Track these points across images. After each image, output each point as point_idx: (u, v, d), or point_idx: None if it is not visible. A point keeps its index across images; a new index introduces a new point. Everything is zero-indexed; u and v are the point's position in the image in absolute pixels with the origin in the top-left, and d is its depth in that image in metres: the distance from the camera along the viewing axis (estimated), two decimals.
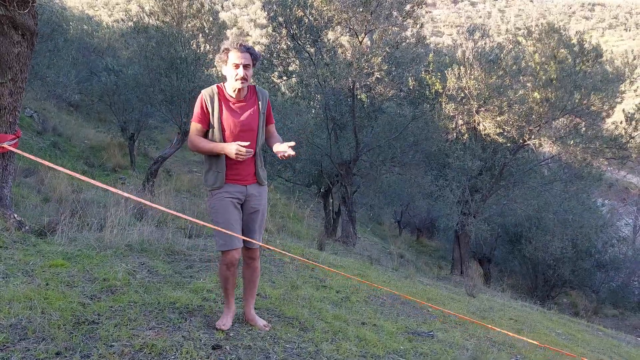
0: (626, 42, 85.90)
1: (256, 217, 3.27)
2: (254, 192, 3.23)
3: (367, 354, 3.29)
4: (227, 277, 3.24)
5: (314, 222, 15.44)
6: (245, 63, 3.05)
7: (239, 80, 3.05)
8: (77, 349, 2.67)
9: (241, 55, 3.05)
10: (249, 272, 3.39)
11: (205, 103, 3.12)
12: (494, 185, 12.62)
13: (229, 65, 3.07)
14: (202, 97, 3.13)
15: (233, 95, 3.14)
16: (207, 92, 3.15)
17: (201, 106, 3.13)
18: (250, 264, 3.37)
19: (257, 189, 3.26)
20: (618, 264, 17.04)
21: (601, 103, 11.13)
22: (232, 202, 3.16)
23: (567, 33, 11.77)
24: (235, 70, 3.05)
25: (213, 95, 3.13)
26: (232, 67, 3.05)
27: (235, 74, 3.05)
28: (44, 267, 3.96)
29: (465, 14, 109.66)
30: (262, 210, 3.31)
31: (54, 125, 15.89)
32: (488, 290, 10.67)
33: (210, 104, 3.12)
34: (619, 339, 8.27)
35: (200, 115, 3.13)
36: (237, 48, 3.06)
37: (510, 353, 4.06)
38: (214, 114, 3.11)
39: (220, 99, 3.14)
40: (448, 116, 12.16)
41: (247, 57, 3.07)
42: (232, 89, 3.12)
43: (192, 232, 6.40)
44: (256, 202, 3.25)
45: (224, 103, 3.13)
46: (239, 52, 3.05)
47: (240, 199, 3.20)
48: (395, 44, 11.60)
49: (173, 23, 11.78)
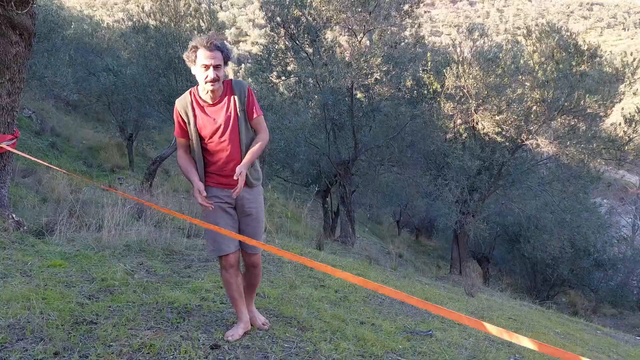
0: (625, 42, 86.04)
1: (250, 221, 3.09)
2: (245, 195, 3.02)
3: (366, 354, 3.29)
4: (229, 281, 3.11)
5: (313, 221, 15.44)
6: (216, 63, 2.79)
7: (209, 82, 2.81)
8: (76, 349, 2.67)
9: (210, 54, 2.78)
10: (250, 277, 3.27)
11: (179, 115, 2.94)
12: (492, 185, 12.63)
13: (198, 65, 2.81)
14: (176, 109, 2.95)
15: (208, 100, 2.92)
16: (179, 102, 2.95)
17: (177, 119, 2.96)
18: (252, 271, 3.23)
19: (249, 191, 3.04)
20: (617, 263, 17.08)
21: (597, 105, 11.11)
22: (222, 206, 3.00)
23: (567, 33, 11.78)
24: (205, 72, 2.80)
25: (186, 105, 2.93)
26: (201, 68, 2.80)
27: (204, 76, 2.80)
28: (42, 267, 3.96)
29: (464, 14, 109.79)
30: (257, 214, 3.10)
31: (52, 126, 15.88)
32: (487, 290, 10.68)
33: (184, 114, 2.93)
34: (618, 338, 8.28)
35: (179, 128, 2.97)
36: (205, 46, 2.78)
37: (509, 352, 4.06)
38: (190, 123, 2.92)
39: (194, 106, 2.92)
40: (446, 115, 12.17)
41: (217, 56, 2.80)
42: (204, 91, 2.89)
43: (191, 232, 6.40)
44: (248, 205, 3.05)
45: (198, 109, 2.92)
46: (207, 50, 2.78)
47: (231, 203, 3.03)
48: (394, 44, 11.61)
49: (171, 23, 11.77)
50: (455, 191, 12.06)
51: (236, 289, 3.15)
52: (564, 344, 5.53)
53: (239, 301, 3.20)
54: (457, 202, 12.50)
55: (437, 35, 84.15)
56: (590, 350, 5.77)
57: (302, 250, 7.06)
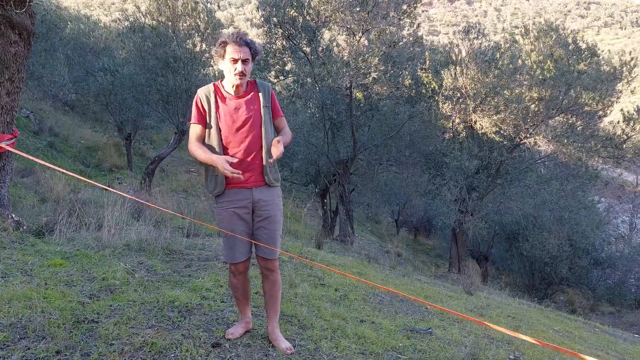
0: (622, 41, 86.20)
1: (267, 225, 2.95)
2: (262, 197, 2.92)
3: (366, 351, 3.30)
4: (236, 286, 3.10)
5: (312, 221, 15.46)
6: (244, 57, 2.82)
7: (237, 75, 2.83)
8: (77, 348, 2.67)
9: (239, 49, 2.81)
10: (268, 285, 3.08)
11: (201, 102, 2.91)
12: (490, 184, 12.66)
13: (227, 59, 2.84)
14: (198, 96, 2.93)
15: (231, 92, 2.92)
16: (203, 90, 2.95)
17: (197, 106, 2.92)
18: (269, 276, 3.06)
19: (266, 192, 2.94)
20: (615, 261, 17.10)
21: (594, 102, 11.13)
22: (237, 212, 2.90)
23: (565, 32, 11.80)
24: (234, 65, 2.82)
25: (209, 94, 2.92)
26: (230, 61, 2.83)
27: (233, 68, 2.83)
28: (42, 267, 3.97)
29: (462, 13, 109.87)
30: (275, 217, 2.98)
31: (50, 126, 15.86)
32: (485, 288, 10.70)
33: (206, 102, 2.91)
34: (616, 336, 8.31)
35: (198, 115, 2.92)
36: (235, 41, 2.82)
37: (508, 350, 4.08)
38: (211, 113, 2.89)
39: (217, 97, 2.92)
40: (445, 115, 12.19)
41: (245, 51, 2.83)
42: (230, 84, 2.90)
43: (190, 232, 6.40)
44: (266, 208, 2.93)
45: (221, 101, 2.91)
46: (237, 45, 2.82)
47: (247, 207, 2.92)
48: (392, 44, 11.62)
49: (168, 23, 11.76)
50: (453, 190, 12.08)
51: (242, 292, 3.14)
52: (563, 341, 5.55)
53: (243, 302, 3.19)
54: (455, 201, 12.52)
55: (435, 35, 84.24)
56: (589, 348, 5.80)
57: (302, 249, 7.08)
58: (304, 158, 12.73)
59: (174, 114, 11.99)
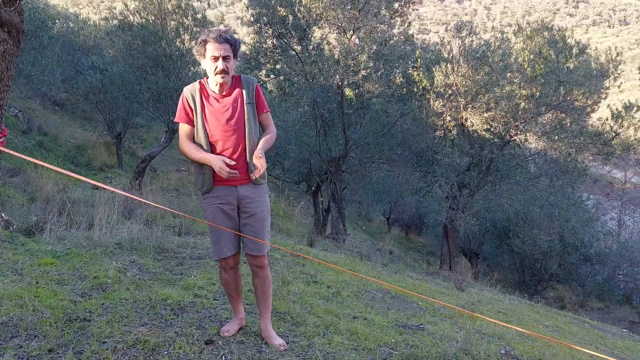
0: (610, 39, 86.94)
1: (252, 222, 2.96)
2: (248, 194, 2.94)
3: (359, 347, 3.32)
4: (227, 281, 3.11)
5: (304, 219, 15.46)
6: (225, 54, 2.82)
7: (219, 74, 2.83)
8: (70, 346, 2.67)
9: (219, 46, 2.81)
10: (259, 282, 3.10)
11: (187, 101, 2.91)
12: (481, 181, 12.73)
13: (207, 58, 2.84)
14: (183, 95, 2.93)
15: (216, 91, 2.92)
16: (188, 89, 2.94)
17: (183, 104, 2.92)
18: (259, 273, 3.07)
19: (252, 189, 2.95)
20: (603, 257, 17.30)
21: (584, 98, 11.24)
22: (222, 208, 2.93)
23: (555, 30, 11.89)
24: (214, 63, 2.82)
25: (195, 91, 2.92)
26: (211, 60, 2.82)
27: (214, 67, 2.82)
28: (33, 266, 3.94)
29: (452, 11, 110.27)
30: (260, 214, 2.98)
31: (39, 125, 15.70)
32: (477, 285, 10.77)
33: (192, 101, 2.91)
34: (605, 331, 8.41)
35: (184, 114, 2.93)
36: (214, 39, 2.81)
37: (499, 344, 4.12)
38: (197, 111, 2.90)
39: (202, 96, 2.92)
40: (436, 113, 12.24)
41: (226, 48, 2.83)
42: (214, 83, 2.90)
43: (182, 230, 6.39)
44: (251, 205, 2.95)
45: (206, 100, 2.92)
46: (216, 43, 2.80)
47: (232, 204, 2.94)
48: (384, 42, 11.65)
49: (157, 21, 11.69)
50: (445, 187, 12.14)
51: (234, 287, 3.16)
52: (553, 336, 5.61)
53: (236, 298, 3.20)
54: (447, 198, 12.59)
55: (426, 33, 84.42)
56: (578, 342, 5.86)
57: (294, 247, 7.08)
58: (295, 156, 12.73)
59: (165, 112, 11.93)
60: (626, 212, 26.85)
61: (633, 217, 26.49)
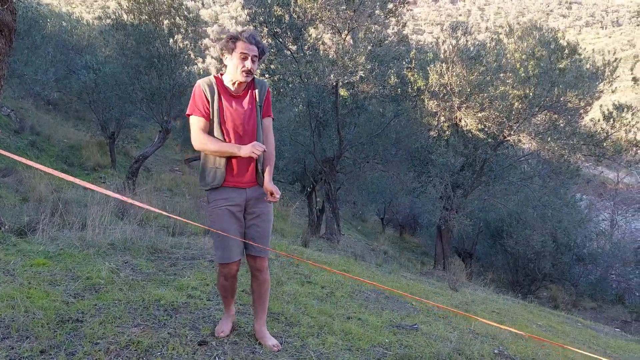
0: (602, 40, 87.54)
1: (259, 222, 2.93)
2: (256, 195, 2.91)
3: (353, 347, 3.32)
4: (226, 287, 3.06)
5: (299, 220, 15.46)
6: (254, 55, 2.78)
7: (244, 72, 2.77)
8: (62, 347, 2.65)
9: (250, 46, 2.77)
10: (257, 284, 3.05)
11: (204, 93, 2.80)
12: (475, 181, 12.78)
13: (235, 54, 2.76)
14: (200, 87, 2.80)
15: (231, 89, 2.86)
16: (204, 81, 2.83)
17: (201, 96, 2.80)
18: (258, 276, 3.03)
19: (259, 191, 2.92)
20: (596, 257, 17.40)
21: (577, 99, 11.30)
22: (231, 210, 2.85)
23: (547, 31, 11.95)
24: (243, 61, 2.76)
25: (212, 85, 2.82)
26: (239, 57, 2.75)
27: (241, 65, 2.75)
28: (25, 267, 3.91)
29: (446, 12, 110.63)
30: (266, 214, 2.95)
31: (31, 124, 15.60)
32: (470, 285, 10.81)
33: (210, 92, 2.80)
34: (598, 330, 8.46)
35: (202, 107, 2.79)
36: (247, 38, 2.76)
37: (493, 344, 4.13)
38: (214, 105, 2.79)
39: (220, 91, 2.82)
40: (430, 113, 12.27)
41: (255, 50, 2.78)
42: (232, 81, 2.82)
43: (175, 230, 6.37)
44: (258, 206, 2.92)
45: (223, 95, 2.82)
46: (248, 43, 2.76)
47: (241, 206, 2.88)
48: (378, 42, 11.66)
49: (151, 20, 11.66)
50: (439, 187, 12.17)
51: (230, 291, 3.10)
52: (546, 336, 5.63)
53: (230, 300, 3.16)
54: (441, 198, 12.62)
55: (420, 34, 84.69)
56: (571, 342, 5.89)
57: (288, 247, 7.08)
58: (290, 156, 12.73)
59: (158, 112, 11.89)
60: (619, 213, 27.02)
61: (625, 217, 26.67)
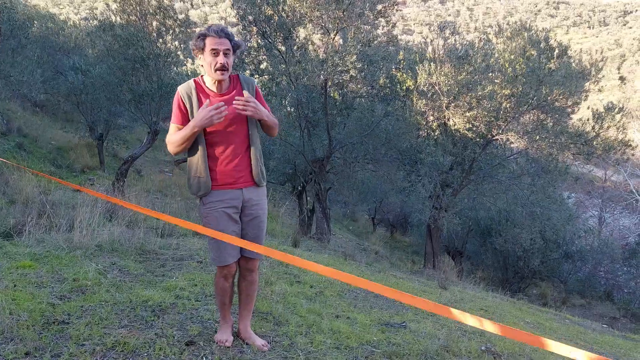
0: (590, 40, 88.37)
1: (255, 224, 2.91)
2: (252, 197, 2.86)
3: (341, 346, 3.33)
4: (225, 289, 2.98)
5: (289, 220, 15.44)
6: (225, 49, 2.69)
7: (218, 70, 2.69)
8: (47, 349, 2.63)
9: (220, 40, 2.67)
10: (246, 284, 3.05)
11: (182, 101, 2.75)
12: (464, 180, 12.84)
13: (207, 52, 2.69)
14: (178, 95, 2.77)
15: (214, 89, 2.78)
16: (183, 88, 2.79)
17: (178, 105, 2.76)
18: (247, 277, 3.02)
19: (255, 192, 2.88)
20: (585, 254, 17.56)
21: (564, 98, 11.40)
22: (227, 212, 2.80)
23: (536, 31, 12.04)
24: (215, 58, 2.67)
25: (190, 91, 2.76)
26: (210, 54, 2.67)
27: (214, 62, 2.67)
28: (10, 269, 3.88)
29: (435, 12, 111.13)
30: (262, 216, 2.94)
31: (18, 126, 15.45)
32: (460, 283, 10.87)
33: (187, 100, 2.75)
34: (585, 327, 8.54)
35: (180, 115, 2.75)
36: (215, 32, 2.67)
37: (480, 341, 4.16)
38: (193, 111, 2.72)
39: (199, 94, 2.76)
40: (419, 112, 12.32)
41: (226, 43, 2.69)
42: (212, 81, 2.76)
43: (164, 232, 6.34)
44: (255, 208, 2.88)
45: (203, 98, 2.75)
46: (217, 37, 2.67)
47: (237, 207, 2.83)
48: (368, 42, 11.69)
49: (139, 21, 11.58)
50: (428, 186, 12.22)
51: (229, 296, 3.05)
52: (533, 332, 5.68)
53: (228, 306, 3.09)
54: (430, 197, 12.67)
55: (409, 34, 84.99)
56: (558, 338, 5.95)
57: (278, 247, 7.08)
58: (280, 157, 12.72)
59: (147, 113, 11.82)
60: (607, 210, 27.30)
61: (613, 215, 26.96)
